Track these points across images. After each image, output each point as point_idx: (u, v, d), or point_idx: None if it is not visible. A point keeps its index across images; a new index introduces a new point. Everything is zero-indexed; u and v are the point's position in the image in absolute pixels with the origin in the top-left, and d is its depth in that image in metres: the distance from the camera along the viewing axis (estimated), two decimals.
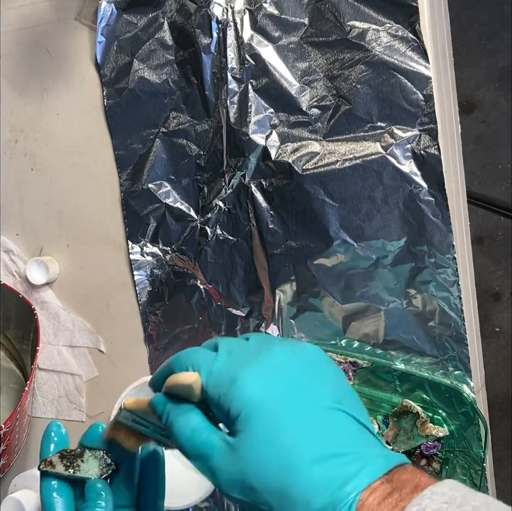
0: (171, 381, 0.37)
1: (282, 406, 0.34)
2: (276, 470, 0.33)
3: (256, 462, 0.33)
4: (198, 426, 0.36)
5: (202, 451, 0.35)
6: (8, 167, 0.75)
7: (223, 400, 0.35)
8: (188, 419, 0.36)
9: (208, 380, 0.36)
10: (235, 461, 0.34)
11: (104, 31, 0.68)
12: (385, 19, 0.61)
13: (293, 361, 0.36)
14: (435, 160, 0.61)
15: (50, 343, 0.75)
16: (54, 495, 0.43)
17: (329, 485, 0.32)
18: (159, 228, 0.70)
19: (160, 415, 0.38)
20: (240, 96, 0.65)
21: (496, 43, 1.57)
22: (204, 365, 0.37)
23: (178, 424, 0.37)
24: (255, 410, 0.34)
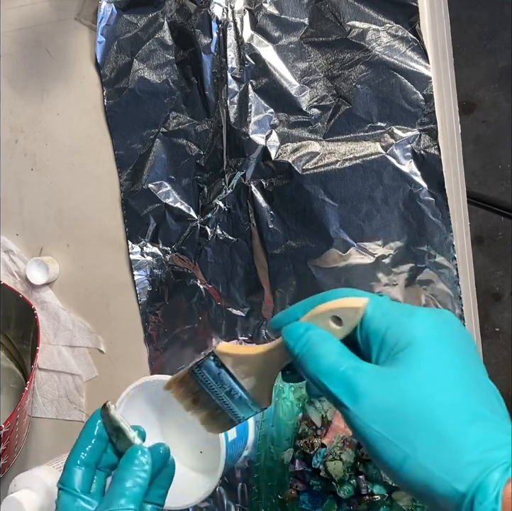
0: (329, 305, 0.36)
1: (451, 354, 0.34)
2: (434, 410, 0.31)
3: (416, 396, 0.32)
4: (343, 351, 0.35)
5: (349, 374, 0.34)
6: (8, 167, 0.75)
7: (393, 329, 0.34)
8: (335, 343, 0.35)
9: (376, 309, 0.35)
10: (391, 387, 0.32)
11: (104, 31, 0.68)
12: (385, 19, 0.61)
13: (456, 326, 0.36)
14: (435, 160, 0.61)
15: (50, 343, 0.75)
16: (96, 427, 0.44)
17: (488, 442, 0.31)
18: (159, 228, 0.70)
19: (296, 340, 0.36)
20: (240, 96, 0.65)
21: (496, 43, 1.57)
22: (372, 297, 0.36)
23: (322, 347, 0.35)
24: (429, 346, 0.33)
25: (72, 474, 0.43)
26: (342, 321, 0.36)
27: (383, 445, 0.32)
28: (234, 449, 0.62)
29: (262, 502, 0.65)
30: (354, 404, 0.33)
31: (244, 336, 0.68)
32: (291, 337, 0.36)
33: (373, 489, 0.60)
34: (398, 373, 0.33)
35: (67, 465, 0.43)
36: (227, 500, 0.69)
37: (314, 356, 0.35)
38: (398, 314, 0.35)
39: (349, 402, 0.33)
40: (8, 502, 0.58)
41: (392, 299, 0.63)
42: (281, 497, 0.64)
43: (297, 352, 0.36)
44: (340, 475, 0.60)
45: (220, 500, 0.69)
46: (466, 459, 0.31)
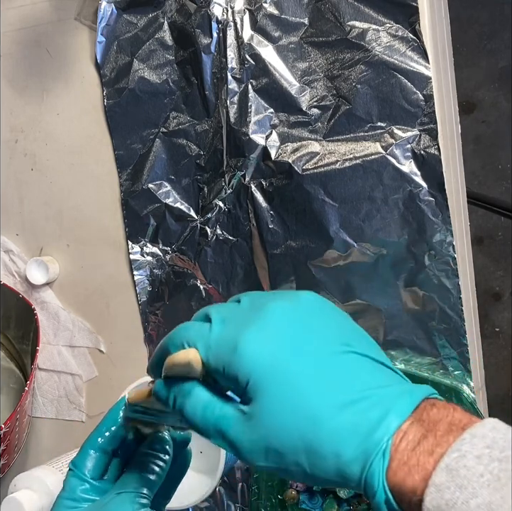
0: (168, 362, 0.35)
1: (290, 363, 0.32)
2: (297, 428, 0.31)
3: (276, 425, 0.32)
4: (208, 402, 0.34)
5: (218, 427, 0.34)
6: (8, 167, 0.75)
7: (227, 371, 0.33)
8: (197, 398, 0.35)
9: (207, 354, 0.34)
10: (255, 429, 0.32)
11: (104, 31, 0.68)
12: (385, 19, 0.61)
13: (290, 313, 0.34)
14: (435, 160, 0.61)
15: (50, 343, 0.75)
16: (120, 413, 0.42)
17: (356, 433, 0.30)
18: (159, 228, 0.70)
19: (166, 401, 0.36)
20: (240, 96, 0.65)
21: (496, 43, 1.57)
22: (200, 339, 0.35)
23: (187, 406, 0.35)
24: (263, 374, 0.32)
25: (86, 457, 0.42)
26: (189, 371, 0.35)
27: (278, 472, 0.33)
28: None
29: (262, 502, 0.65)
30: (236, 452, 0.33)
31: None
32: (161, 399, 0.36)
33: None
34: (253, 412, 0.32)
35: (83, 447, 0.42)
36: (227, 500, 0.69)
37: (187, 415, 0.35)
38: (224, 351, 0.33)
39: (232, 452, 0.34)
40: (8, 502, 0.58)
41: (392, 298, 0.63)
42: (281, 497, 0.64)
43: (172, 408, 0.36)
44: None
45: (220, 500, 0.69)
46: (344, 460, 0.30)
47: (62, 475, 0.61)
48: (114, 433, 0.42)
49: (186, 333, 0.36)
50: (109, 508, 0.40)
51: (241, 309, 0.36)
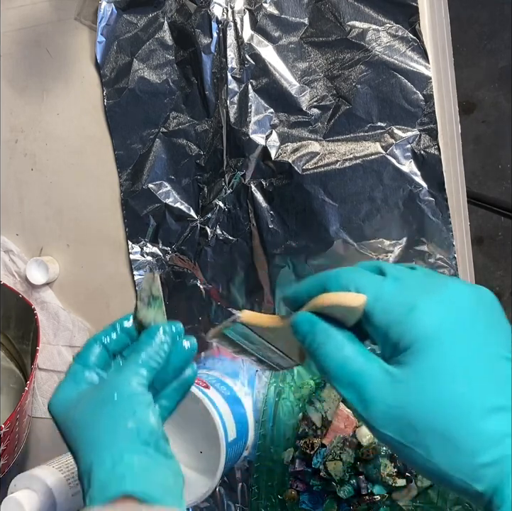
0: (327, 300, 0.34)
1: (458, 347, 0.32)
2: (444, 412, 0.30)
3: (423, 399, 0.31)
4: (353, 351, 0.33)
5: (355, 379, 0.32)
6: (8, 167, 0.75)
7: (394, 329, 0.32)
8: (342, 343, 0.33)
9: (375, 305, 0.33)
10: (398, 394, 0.31)
11: (104, 31, 0.68)
12: (385, 19, 0.61)
13: (470, 301, 0.33)
14: (435, 160, 0.61)
15: (50, 343, 0.75)
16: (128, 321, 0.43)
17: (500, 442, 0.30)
18: (159, 228, 0.70)
19: (304, 335, 0.35)
20: (240, 96, 0.65)
21: (496, 43, 1.57)
22: (371, 289, 0.34)
23: (328, 348, 0.33)
24: (432, 345, 0.31)
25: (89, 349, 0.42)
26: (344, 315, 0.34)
27: (399, 448, 0.32)
28: (234, 449, 0.62)
29: (262, 502, 0.65)
30: (364, 410, 0.32)
31: None
32: (299, 333, 0.35)
33: (373, 489, 0.60)
34: (404, 378, 0.32)
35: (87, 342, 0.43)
36: (227, 500, 0.69)
37: (322, 356, 0.34)
38: (398, 310, 0.33)
39: (360, 408, 0.32)
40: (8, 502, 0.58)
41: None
42: (281, 497, 0.64)
43: (307, 347, 0.35)
44: (340, 475, 0.60)
45: (220, 500, 0.69)
46: (480, 461, 0.30)
47: (62, 475, 0.61)
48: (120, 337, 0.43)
49: (356, 278, 0.34)
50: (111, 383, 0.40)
51: (417, 275, 0.35)
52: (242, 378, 0.68)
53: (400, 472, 0.59)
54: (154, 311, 0.44)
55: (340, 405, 0.63)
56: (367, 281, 0.34)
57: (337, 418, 0.62)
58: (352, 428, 0.62)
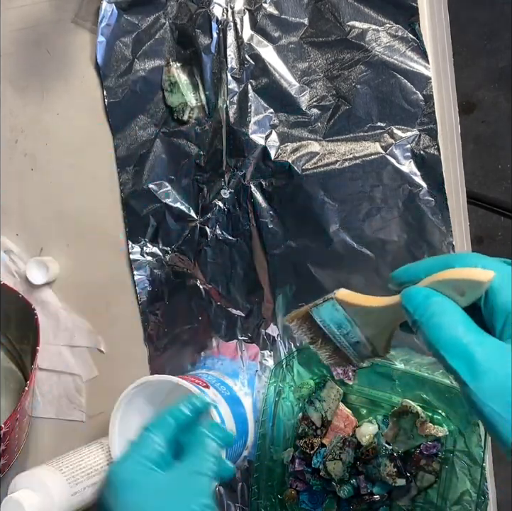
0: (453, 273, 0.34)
1: None
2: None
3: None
4: (469, 324, 0.33)
5: (471, 348, 0.32)
6: (8, 167, 0.75)
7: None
8: (458, 314, 0.34)
9: (503, 283, 0.34)
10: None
11: (104, 31, 0.68)
12: (385, 19, 0.61)
13: None
14: (434, 160, 0.61)
15: (50, 343, 0.75)
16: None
17: None
18: (159, 228, 0.70)
19: (416, 306, 0.35)
20: (239, 96, 0.65)
21: (496, 43, 1.57)
22: (499, 269, 0.34)
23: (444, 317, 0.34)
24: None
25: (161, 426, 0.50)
26: (465, 291, 0.34)
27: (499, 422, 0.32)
28: (234, 449, 0.62)
29: (262, 502, 0.65)
30: (473, 381, 0.32)
31: (244, 335, 0.68)
32: (411, 303, 0.35)
33: (373, 489, 0.60)
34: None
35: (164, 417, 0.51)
36: (227, 500, 0.69)
37: (434, 326, 0.34)
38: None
39: (468, 379, 0.32)
40: (8, 502, 0.58)
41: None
42: (281, 497, 0.64)
43: (416, 319, 0.35)
44: (340, 475, 0.61)
45: (220, 500, 0.69)
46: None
47: (62, 475, 0.61)
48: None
49: (483, 259, 0.35)
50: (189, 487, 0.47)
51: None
52: (242, 378, 0.68)
53: (400, 472, 0.59)
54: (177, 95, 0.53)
55: (340, 405, 0.63)
56: (494, 263, 0.35)
57: (337, 418, 0.62)
58: (352, 428, 0.62)
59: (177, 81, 0.58)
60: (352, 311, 0.38)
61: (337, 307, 0.39)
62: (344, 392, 0.63)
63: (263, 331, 0.67)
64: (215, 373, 0.68)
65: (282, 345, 0.67)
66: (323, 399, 0.63)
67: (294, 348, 0.66)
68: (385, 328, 0.38)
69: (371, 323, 0.39)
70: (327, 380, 0.63)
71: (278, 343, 0.67)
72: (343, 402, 0.63)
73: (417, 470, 0.59)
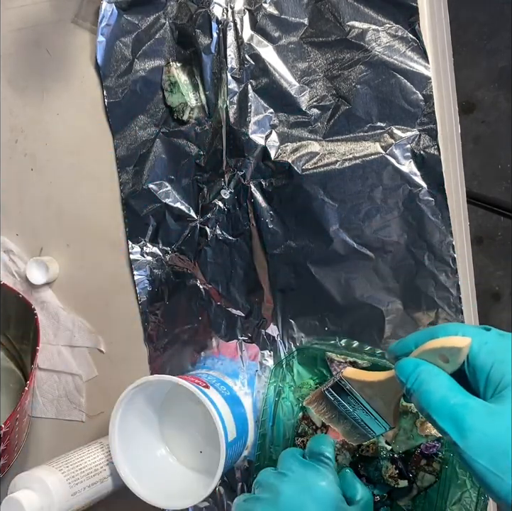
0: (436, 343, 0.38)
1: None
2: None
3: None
4: (453, 387, 0.37)
5: (455, 411, 0.35)
6: (8, 167, 0.75)
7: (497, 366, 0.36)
8: (443, 381, 0.37)
9: (481, 348, 0.37)
10: (496, 424, 0.34)
11: (104, 31, 0.68)
12: (385, 19, 0.61)
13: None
14: (434, 160, 0.61)
15: (50, 343, 0.75)
16: None
17: None
18: (159, 228, 0.70)
19: (407, 376, 0.38)
20: (239, 96, 0.65)
21: (495, 43, 1.57)
22: (477, 335, 0.38)
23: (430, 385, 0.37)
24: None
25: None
26: (448, 358, 0.38)
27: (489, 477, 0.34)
28: (234, 449, 0.62)
29: None
30: (461, 439, 0.34)
31: (244, 336, 0.68)
32: (402, 373, 0.39)
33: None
34: (503, 410, 0.34)
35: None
36: (227, 500, 0.69)
37: (424, 392, 0.37)
38: (501, 351, 0.37)
39: (456, 438, 0.35)
40: (8, 502, 0.58)
41: (392, 298, 0.63)
42: None
43: (408, 387, 0.38)
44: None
45: (220, 500, 0.69)
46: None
47: (62, 475, 0.61)
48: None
49: (463, 327, 0.39)
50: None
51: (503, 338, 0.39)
52: (242, 378, 0.68)
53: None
54: (177, 95, 0.52)
55: None
56: (473, 330, 0.39)
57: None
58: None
59: (177, 81, 0.58)
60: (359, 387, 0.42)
61: (345, 386, 0.43)
62: None
63: (263, 331, 0.67)
64: (215, 373, 0.68)
65: (282, 345, 0.67)
66: None
67: (294, 348, 0.66)
68: (389, 399, 0.42)
69: (376, 396, 0.43)
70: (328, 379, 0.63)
71: (278, 343, 0.67)
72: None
73: (417, 470, 0.59)
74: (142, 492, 0.62)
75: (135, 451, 0.64)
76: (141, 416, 0.65)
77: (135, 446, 0.64)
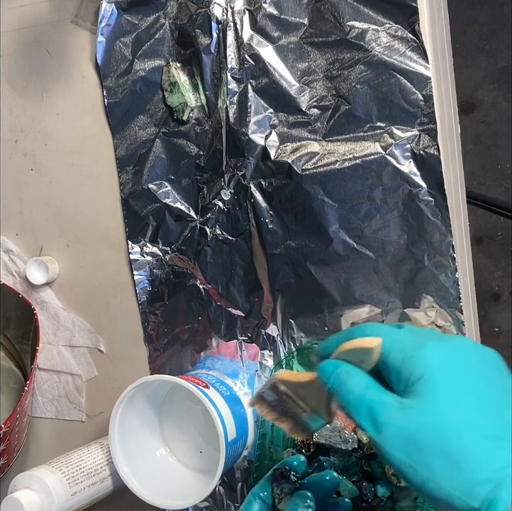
0: (349, 345, 0.40)
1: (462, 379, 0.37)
2: (447, 434, 0.34)
3: (429, 422, 0.35)
4: (369, 385, 0.39)
5: (371, 407, 0.37)
6: (8, 167, 0.75)
7: (406, 363, 0.37)
8: (360, 379, 0.39)
9: (392, 346, 0.39)
10: (408, 418, 0.36)
11: (104, 31, 0.68)
12: (384, 19, 0.61)
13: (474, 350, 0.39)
14: (434, 160, 0.61)
15: (50, 343, 0.75)
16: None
17: (496, 462, 0.33)
18: (159, 228, 0.70)
19: (328, 377, 0.40)
20: (239, 96, 0.65)
21: (495, 43, 1.57)
22: (388, 334, 0.40)
23: (348, 383, 0.39)
24: (439, 376, 0.36)
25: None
26: (362, 358, 0.40)
27: (405, 469, 0.36)
28: (234, 449, 0.62)
29: None
30: (377, 434, 0.37)
31: (244, 336, 0.68)
32: (324, 374, 0.41)
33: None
34: (413, 404, 0.36)
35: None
36: (227, 500, 0.69)
37: (343, 391, 0.39)
38: (410, 347, 0.38)
39: (373, 433, 0.37)
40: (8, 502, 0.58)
41: (392, 298, 0.63)
42: None
43: (329, 387, 0.41)
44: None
45: (220, 500, 0.69)
46: (478, 478, 0.33)
47: (62, 475, 0.61)
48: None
49: (377, 328, 0.41)
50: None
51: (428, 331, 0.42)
52: (242, 378, 0.68)
53: None
54: (177, 95, 0.53)
55: None
56: (385, 329, 0.41)
57: (337, 417, 0.62)
58: (352, 428, 0.62)
59: (177, 81, 0.58)
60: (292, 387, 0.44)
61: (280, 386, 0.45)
62: None
63: (263, 331, 0.67)
64: (215, 373, 0.68)
65: (282, 345, 0.67)
66: None
67: (294, 348, 0.66)
68: (321, 397, 0.43)
69: (308, 395, 0.45)
70: None
71: (278, 343, 0.67)
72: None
73: None
74: (142, 492, 0.62)
75: (135, 451, 0.64)
76: (141, 416, 0.65)
77: (135, 446, 0.64)
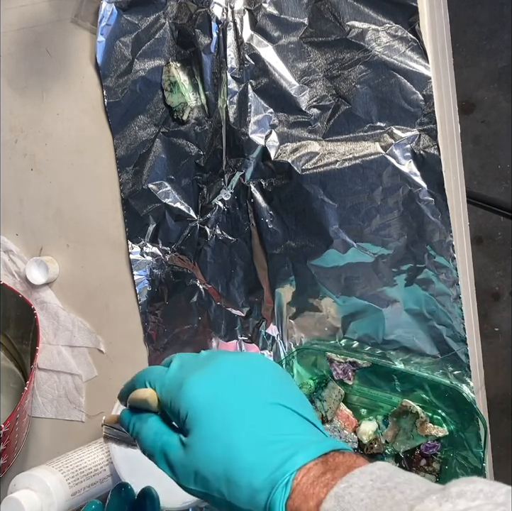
0: (131, 397, 0.43)
1: (224, 404, 0.39)
2: (221, 459, 0.37)
3: (204, 455, 0.38)
4: (159, 430, 0.41)
5: (163, 451, 0.40)
6: (8, 167, 0.75)
7: (173, 404, 0.40)
8: (151, 425, 0.41)
9: (161, 390, 0.41)
10: (188, 456, 0.38)
11: (104, 31, 0.68)
12: (384, 19, 0.61)
13: (235, 367, 0.41)
14: (434, 160, 0.61)
15: (50, 343, 0.75)
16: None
17: (267, 468, 0.36)
18: (158, 228, 0.70)
19: (127, 426, 0.43)
20: (239, 96, 0.65)
21: (495, 43, 1.57)
22: (158, 379, 0.42)
23: (143, 431, 0.42)
24: (200, 409, 0.39)
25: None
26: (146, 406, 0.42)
27: (205, 497, 0.39)
28: None
29: None
30: (172, 474, 0.40)
31: (243, 336, 0.68)
32: (124, 424, 0.44)
33: None
34: (189, 442, 0.38)
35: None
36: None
37: (140, 439, 0.42)
38: (174, 388, 0.40)
39: (169, 473, 0.40)
40: (8, 502, 0.58)
41: (392, 298, 0.63)
42: None
43: (133, 437, 0.43)
44: None
45: None
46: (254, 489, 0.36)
47: (62, 475, 0.61)
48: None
49: (149, 374, 0.43)
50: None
51: (198, 359, 0.43)
52: None
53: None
54: (177, 95, 0.53)
55: (341, 405, 0.63)
56: (155, 375, 0.43)
57: (337, 417, 0.62)
58: (352, 428, 0.62)
59: (177, 81, 0.58)
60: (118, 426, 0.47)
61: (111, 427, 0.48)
62: (345, 393, 0.63)
63: (263, 331, 0.67)
64: None
65: (282, 346, 0.67)
66: (323, 399, 0.63)
67: (294, 348, 0.66)
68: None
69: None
70: (330, 380, 0.63)
71: (278, 343, 0.67)
72: (343, 403, 0.63)
73: (417, 470, 0.59)
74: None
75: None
76: None
77: None
